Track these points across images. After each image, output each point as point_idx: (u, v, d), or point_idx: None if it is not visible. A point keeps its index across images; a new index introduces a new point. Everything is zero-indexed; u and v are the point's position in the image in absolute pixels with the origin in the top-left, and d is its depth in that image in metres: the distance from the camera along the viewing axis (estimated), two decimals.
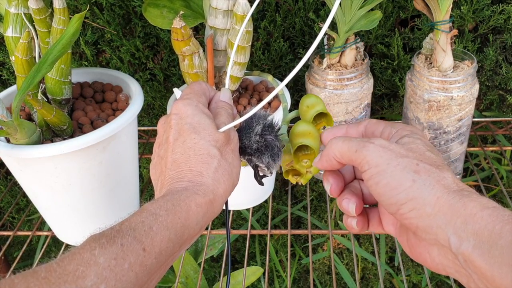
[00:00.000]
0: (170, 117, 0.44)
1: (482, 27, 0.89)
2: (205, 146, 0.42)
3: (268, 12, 0.89)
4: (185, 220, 0.37)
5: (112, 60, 0.94)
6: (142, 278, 0.34)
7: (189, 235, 0.38)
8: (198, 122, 0.43)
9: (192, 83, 0.49)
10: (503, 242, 0.30)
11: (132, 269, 0.33)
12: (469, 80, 0.72)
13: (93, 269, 0.31)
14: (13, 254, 1.22)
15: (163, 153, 0.43)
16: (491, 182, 1.05)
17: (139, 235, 0.34)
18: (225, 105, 0.47)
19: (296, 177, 0.48)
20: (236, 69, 0.66)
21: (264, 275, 1.00)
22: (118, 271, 0.32)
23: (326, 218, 1.10)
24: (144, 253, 0.34)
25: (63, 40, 0.54)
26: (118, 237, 0.33)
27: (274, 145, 0.46)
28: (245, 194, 0.80)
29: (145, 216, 0.36)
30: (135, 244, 0.34)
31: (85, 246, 0.33)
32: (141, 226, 0.35)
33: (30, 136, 0.60)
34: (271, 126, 0.47)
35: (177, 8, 0.69)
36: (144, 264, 0.34)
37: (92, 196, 0.67)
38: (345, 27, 0.71)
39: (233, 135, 0.45)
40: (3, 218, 0.87)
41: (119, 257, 0.32)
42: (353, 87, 0.74)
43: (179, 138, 0.42)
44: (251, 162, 0.47)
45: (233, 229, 1.00)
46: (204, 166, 0.41)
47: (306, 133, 0.45)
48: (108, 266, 0.32)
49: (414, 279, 1.12)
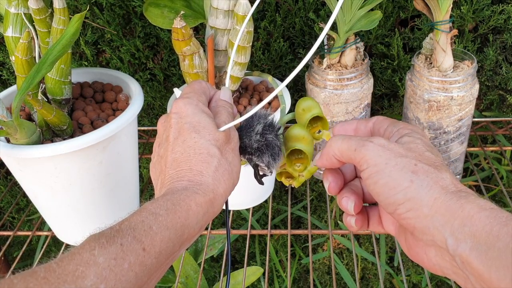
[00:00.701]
0: (170, 116, 0.44)
1: (482, 27, 0.89)
2: (205, 145, 0.41)
3: (268, 12, 0.89)
4: (185, 220, 0.37)
5: (112, 60, 0.94)
6: (142, 277, 0.33)
7: (189, 234, 0.38)
8: (198, 121, 0.43)
9: (192, 81, 0.49)
10: (501, 245, 0.30)
11: (132, 269, 0.33)
12: (469, 80, 0.72)
13: (92, 269, 0.31)
14: (13, 254, 1.22)
15: (163, 152, 0.43)
16: (491, 182, 1.05)
17: (138, 234, 0.34)
18: (225, 104, 0.47)
19: (289, 180, 0.48)
20: (237, 69, 0.66)
21: (264, 275, 1.00)
22: (118, 271, 0.32)
23: (326, 218, 1.10)
24: (144, 252, 0.34)
25: (63, 40, 0.54)
26: (117, 236, 0.33)
27: (274, 145, 0.46)
28: (245, 194, 0.80)
29: (145, 215, 0.36)
30: (134, 244, 0.33)
31: (85, 246, 0.32)
32: (140, 225, 0.35)
33: (30, 136, 0.60)
34: (272, 126, 0.47)
35: (178, 8, 0.69)
36: (144, 263, 0.33)
37: (92, 196, 0.67)
38: (345, 27, 0.71)
39: (233, 134, 0.45)
40: (3, 218, 0.87)
41: (119, 257, 0.32)
42: (353, 87, 0.74)
43: (179, 137, 0.42)
44: (252, 161, 0.47)
45: (233, 229, 1.00)
46: (204, 165, 0.41)
47: (299, 137, 0.45)
48: (107, 266, 0.31)
49: (414, 279, 1.12)
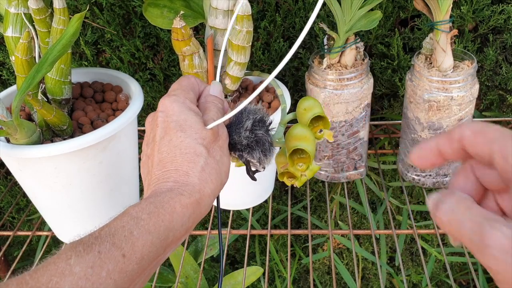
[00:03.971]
0: (156, 115, 0.43)
1: (482, 27, 0.89)
2: (191, 144, 0.40)
3: (268, 12, 0.89)
4: (169, 223, 0.36)
5: (112, 60, 0.94)
6: (122, 285, 0.32)
7: (174, 237, 0.37)
8: (185, 120, 0.42)
9: (181, 77, 0.47)
10: None
11: (111, 277, 0.32)
12: (469, 80, 0.72)
13: (68, 279, 0.30)
14: (13, 254, 1.22)
15: (150, 152, 0.42)
16: None
17: (118, 241, 0.33)
18: (214, 100, 0.46)
19: (291, 180, 0.48)
20: (236, 69, 0.66)
21: (264, 275, 1.00)
22: (95, 280, 0.31)
23: (326, 218, 1.10)
24: (124, 259, 0.33)
25: (63, 40, 0.54)
26: (96, 244, 0.32)
27: (265, 140, 0.45)
28: (245, 194, 0.80)
29: (126, 220, 0.35)
30: (113, 251, 0.32)
31: (61, 256, 0.32)
32: (121, 231, 0.34)
33: (30, 136, 0.60)
34: (262, 121, 0.46)
35: (178, 8, 0.69)
36: (124, 270, 0.32)
37: (92, 196, 0.67)
38: (345, 27, 0.71)
39: (222, 131, 0.44)
40: (3, 218, 0.87)
41: (96, 265, 0.31)
42: (353, 87, 0.74)
43: (165, 136, 0.41)
44: (242, 157, 0.46)
45: (233, 229, 1.00)
46: (190, 165, 0.40)
47: (302, 136, 0.45)
48: (84, 276, 0.30)
49: (414, 279, 1.12)
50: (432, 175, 0.81)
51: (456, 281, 1.17)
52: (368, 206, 0.86)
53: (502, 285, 0.26)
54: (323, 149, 0.81)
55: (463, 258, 1.02)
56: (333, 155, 0.81)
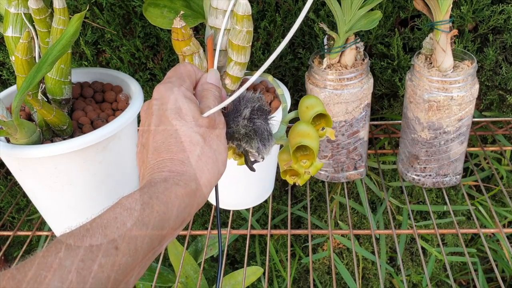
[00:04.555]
0: (151, 103, 0.42)
1: (482, 27, 0.89)
2: (187, 133, 0.39)
3: (268, 12, 0.89)
4: (163, 214, 0.35)
5: (112, 60, 0.94)
6: (115, 278, 0.31)
7: (169, 228, 0.36)
8: (180, 107, 0.40)
9: (177, 64, 0.46)
10: None
11: (103, 270, 0.30)
12: (469, 80, 0.72)
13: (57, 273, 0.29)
14: (13, 254, 1.22)
15: (145, 140, 0.41)
16: (491, 182, 1.05)
17: (110, 232, 0.32)
18: (211, 87, 0.44)
19: (294, 178, 0.48)
20: (237, 69, 0.66)
21: (264, 275, 1.00)
22: (86, 274, 0.29)
23: (326, 218, 1.10)
24: (116, 251, 0.31)
25: (63, 40, 0.54)
26: (87, 236, 0.31)
27: (263, 129, 0.44)
28: (245, 194, 0.80)
29: (119, 211, 0.34)
30: (106, 243, 0.31)
31: (51, 249, 0.30)
32: (113, 222, 0.33)
33: (30, 136, 0.60)
34: (261, 110, 0.44)
35: (178, 8, 0.69)
36: (117, 263, 0.31)
37: (92, 196, 0.67)
38: (345, 27, 0.71)
39: (219, 119, 0.42)
40: (3, 218, 0.87)
41: (87, 259, 0.30)
42: (353, 87, 0.74)
43: (160, 125, 0.40)
44: (241, 147, 0.45)
45: (233, 229, 1.00)
46: (185, 155, 0.38)
47: (305, 133, 0.45)
48: (74, 269, 0.29)
49: (414, 279, 1.12)
50: (432, 175, 0.81)
51: (456, 281, 1.17)
52: (368, 206, 0.86)
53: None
54: (323, 149, 0.81)
55: (463, 258, 1.02)
56: (333, 155, 0.81)
